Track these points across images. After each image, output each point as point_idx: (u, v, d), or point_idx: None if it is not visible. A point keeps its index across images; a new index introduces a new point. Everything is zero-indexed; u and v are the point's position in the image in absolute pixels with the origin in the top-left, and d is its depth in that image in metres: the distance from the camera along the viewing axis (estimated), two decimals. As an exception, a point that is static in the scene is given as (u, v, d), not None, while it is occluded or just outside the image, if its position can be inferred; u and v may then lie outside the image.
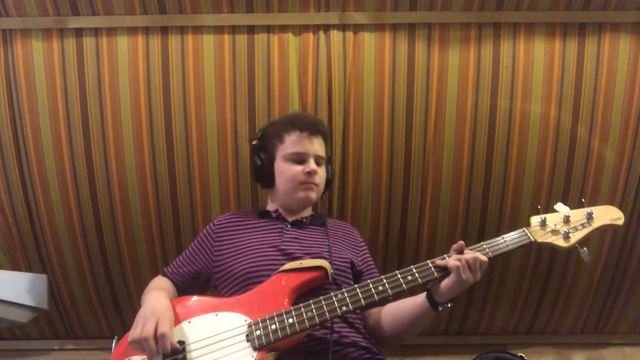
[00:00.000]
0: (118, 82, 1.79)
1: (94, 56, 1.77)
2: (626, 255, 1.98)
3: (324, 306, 1.06)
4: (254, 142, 1.43)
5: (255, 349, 1.02)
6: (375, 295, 1.07)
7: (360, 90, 1.80)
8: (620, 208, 1.87)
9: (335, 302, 1.07)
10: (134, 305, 2.05)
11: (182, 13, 1.75)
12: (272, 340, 1.02)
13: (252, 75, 1.79)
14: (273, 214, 1.40)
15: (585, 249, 1.12)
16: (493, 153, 1.85)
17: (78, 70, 1.79)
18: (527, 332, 2.15)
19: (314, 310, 1.06)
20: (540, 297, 2.04)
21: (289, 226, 1.35)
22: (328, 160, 1.46)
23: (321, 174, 1.38)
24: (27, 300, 1.65)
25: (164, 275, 1.38)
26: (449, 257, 1.12)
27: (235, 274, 1.25)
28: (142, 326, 1.05)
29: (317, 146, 1.37)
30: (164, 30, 1.77)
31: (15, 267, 1.97)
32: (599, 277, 2.01)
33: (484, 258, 1.09)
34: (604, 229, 1.17)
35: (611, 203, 1.88)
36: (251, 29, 1.76)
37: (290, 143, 1.35)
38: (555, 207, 1.20)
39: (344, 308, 1.06)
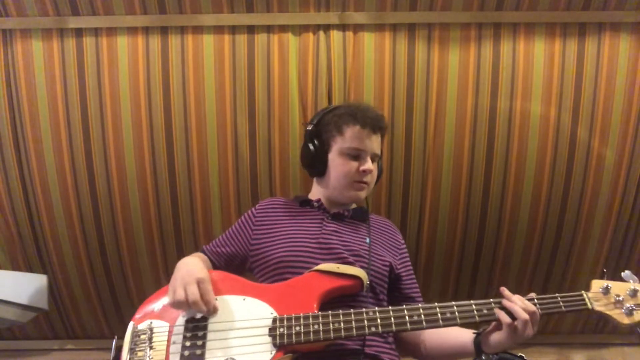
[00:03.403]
0: (118, 82, 1.79)
1: (94, 56, 1.77)
2: (626, 255, 1.98)
3: (353, 322, 1.02)
4: (309, 127, 1.34)
5: (275, 345, 1.00)
6: (408, 324, 1.02)
7: (360, 90, 1.79)
8: (620, 208, 1.92)
9: (366, 321, 1.03)
10: (134, 305, 2.02)
11: (182, 13, 1.75)
12: (294, 342, 1.00)
13: (252, 75, 1.79)
14: (315, 204, 1.34)
15: None
16: (493, 153, 1.85)
17: (78, 70, 1.79)
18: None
19: (341, 323, 1.02)
20: (540, 297, 2.04)
21: (330, 218, 1.31)
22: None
23: (374, 172, 1.32)
24: (27, 300, 1.65)
25: (203, 252, 1.38)
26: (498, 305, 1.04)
27: (270, 261, 1.23)
28: (183, 288, 1.04)
29: (375, 144, 1.30)
30: (164, 30, 1.76)
31: (15, 267, 1.97)
32: (599, 277, 2.00)
33: (537, 311, 1.01)
34: None
35: (611, 203, 1.89)
36: (251, 29, 1.76)
37: (350, 137, 1.27)
38: (623, 275, 1.10)
39: (373, 329, 1.02)
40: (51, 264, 1.97)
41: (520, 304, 1.00)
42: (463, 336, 1.12)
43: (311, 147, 1.31)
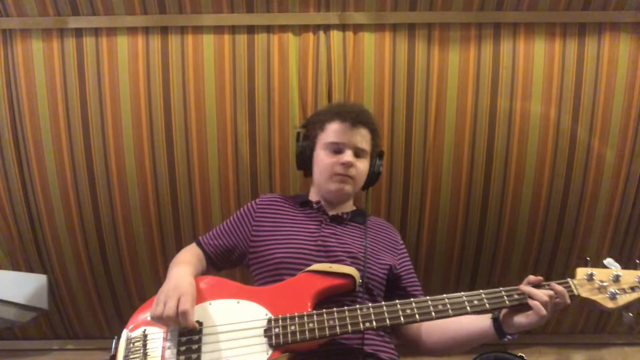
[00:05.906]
0: (118, 82, 1.79)
1: (94, 56, 1.77)
2: (626, 255, 1.98)
3: (347, 318, 1.04)
4: (299, 130, 1.41)
5: (271, 346, 1.01)
6: (401, 318, 1.04)
7: (360, 90, 1.79)
8: (620, 208, 1.91)
9: (360, 317, 1.04)
10: (134, 305, 2.03)
11: (182, 13, 1.75)
12: (290, 342, 1.01)
13: (252, 75, 1.79)
14: (314, 205, 1.35)
15: (630, 314, 1.06)
16: (493, 153, 1.85)
17: (78, 70, 1.79)
18: (527, 332, 2.14)
19: (336, 320, 1.03)
20: (540, 297, 2.04)
21: (328, 220, 1.32)
22: (379, 155, 1.41)
23: (360, 166, 1.32)
24: (27, 300, 1.66)
25: (198, 244, 1.36)
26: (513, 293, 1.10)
27: (269, 261, 1.23)
28: (164, 303, 1.05)
29: (358, 137, 1.31)
30: (164, 30, 1.76)
31: (15, 267, 1.97)
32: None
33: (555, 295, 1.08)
34: None
35: (611, 203, 1.90)
36: (251, 29, 1.76)
37: (330, 132, 1.31)
38: (605, 262, 1.13)
39: (367, 325, 1.03)
40: (51, 264, 1.97)
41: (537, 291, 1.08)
42: (477, 323, 1.15)
43: (300, 147, 1.38)
